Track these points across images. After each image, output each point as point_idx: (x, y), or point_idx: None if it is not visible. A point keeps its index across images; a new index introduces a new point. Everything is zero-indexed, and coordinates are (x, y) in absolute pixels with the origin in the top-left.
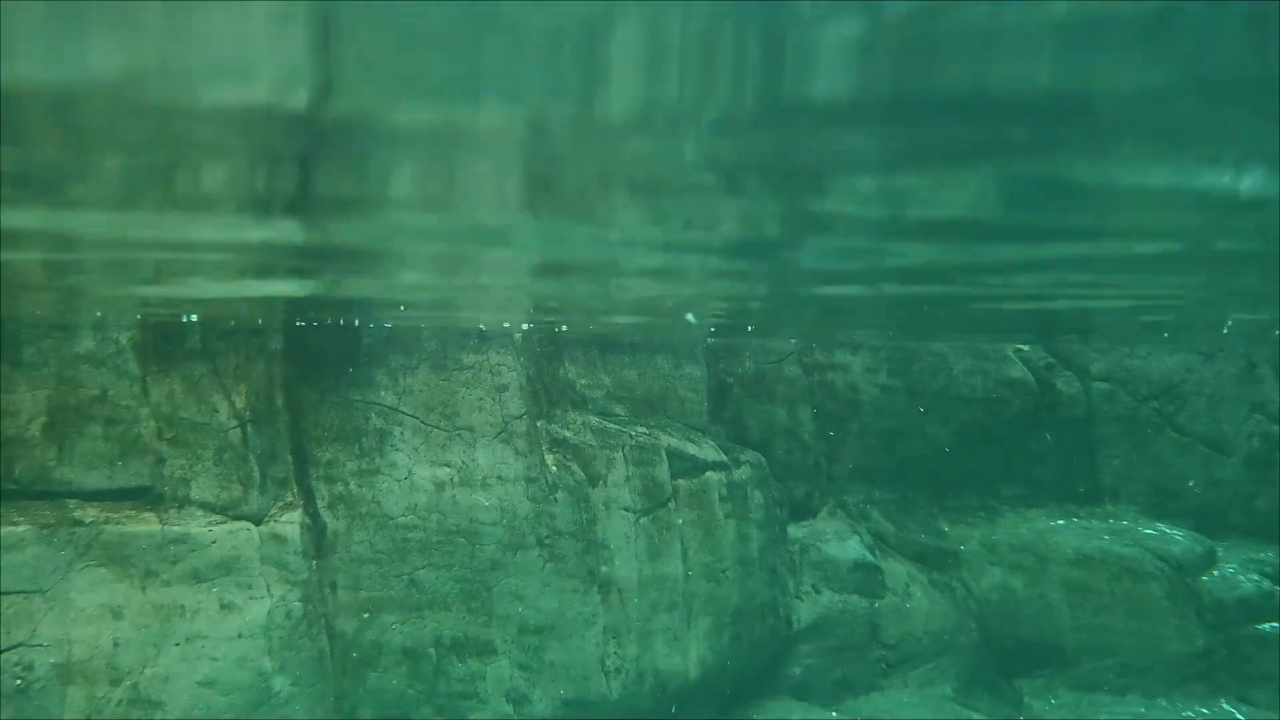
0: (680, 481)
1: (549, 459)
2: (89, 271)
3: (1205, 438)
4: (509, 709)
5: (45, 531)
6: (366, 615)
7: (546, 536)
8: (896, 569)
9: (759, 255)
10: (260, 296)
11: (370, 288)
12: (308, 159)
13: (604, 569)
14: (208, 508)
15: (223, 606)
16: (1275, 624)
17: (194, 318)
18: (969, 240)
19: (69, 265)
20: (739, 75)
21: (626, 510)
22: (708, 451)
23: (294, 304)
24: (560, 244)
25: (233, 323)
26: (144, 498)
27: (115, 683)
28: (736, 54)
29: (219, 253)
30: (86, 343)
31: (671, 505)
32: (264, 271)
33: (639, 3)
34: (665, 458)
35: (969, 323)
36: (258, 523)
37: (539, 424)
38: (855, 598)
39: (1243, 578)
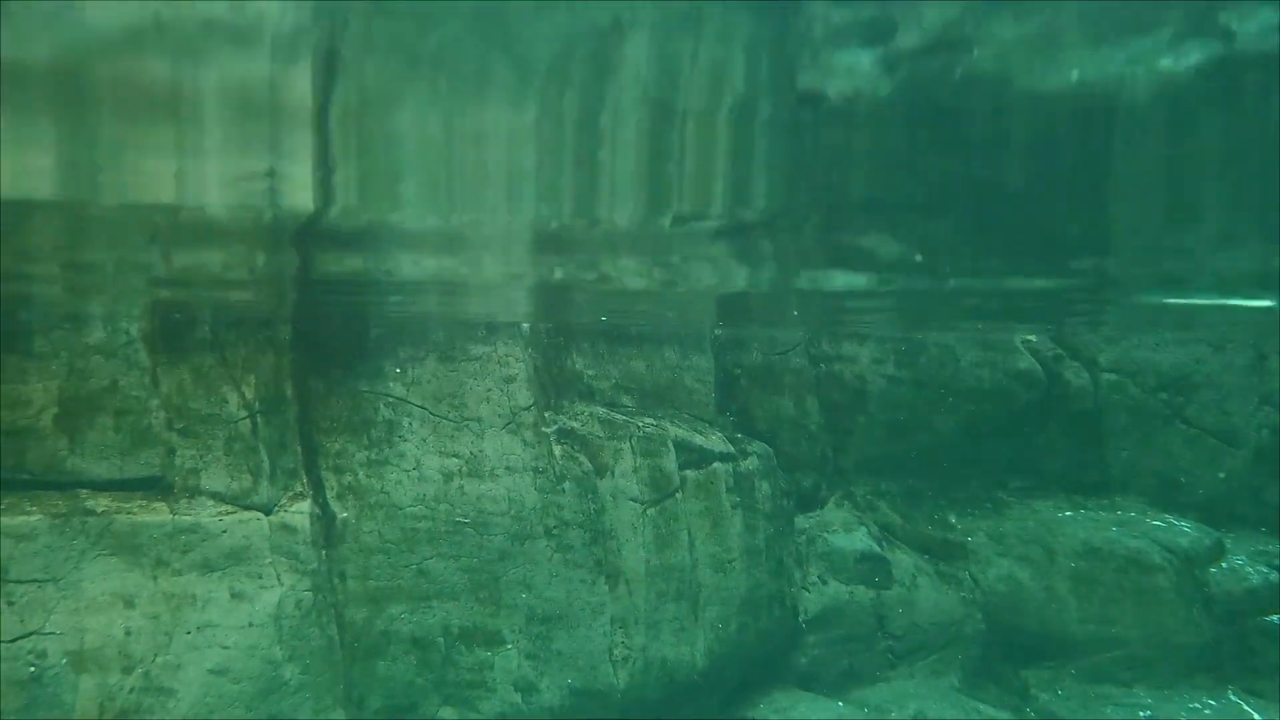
0: (688, 472)
1: (557, 450)
2: None
3: (1214, 429)
4: (517, 698)
5: (57, 521)
6: (375, 605)
7: (554, 527)
8: (903, 560)
9: None
10: None
11: None
12: None
13: (611, 559)
14: (218, 498)
15: (233, 596)
16: None
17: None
18: None
19: None
20: None
21: (634, 501)
22: (715, 442)
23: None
24: None
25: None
26: (155, 488)
27: (127, 671)
28: None
29: None
30: (97, 333)
31: (679, 496)
32: None
33: None
34: (672, 449)
35: None
36: (268, 513)
37: (547, 415)
38: (862, 589)
39: (1251, 570)
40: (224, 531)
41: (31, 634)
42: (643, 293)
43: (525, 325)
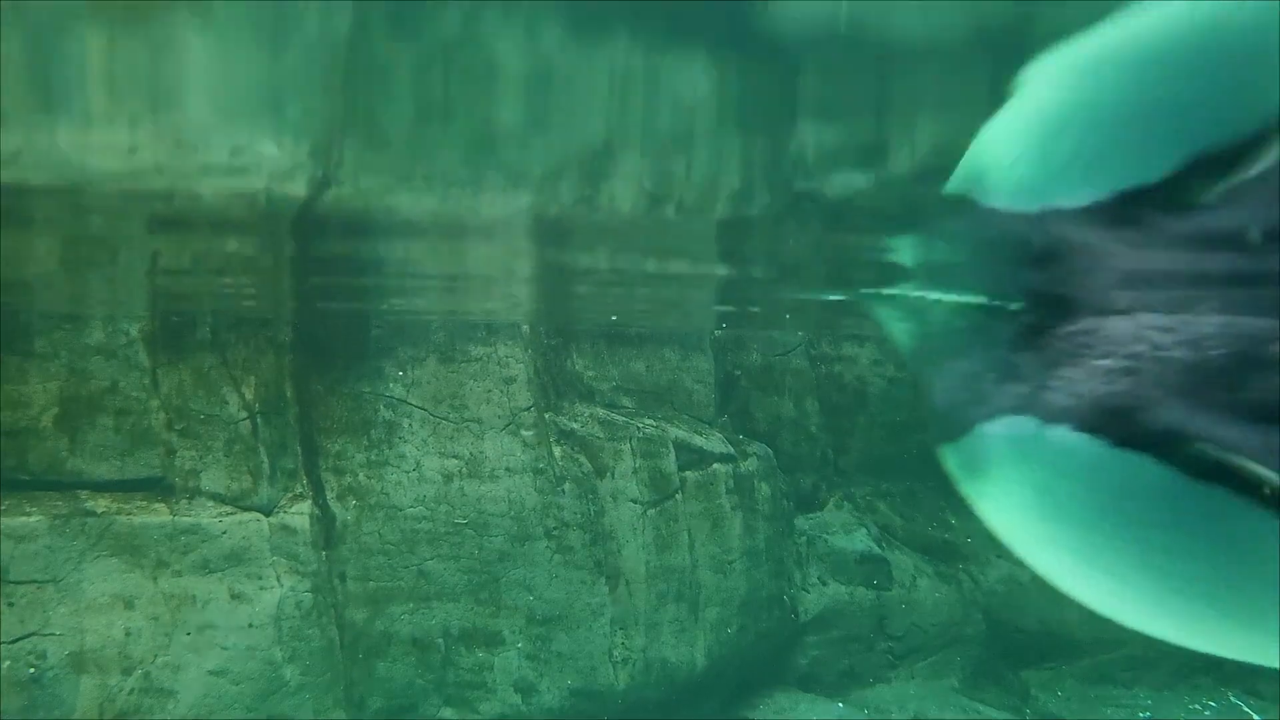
0: (687, 473)
1: (556, 451)
2: None
3: None
4: (517, 699)
5: (58, 522)
6: (375, 606)
7: (554, 528)
8: (903, 561)
9: None
10: None
11: None
12: None
13: (611, 560)
14: (218, 499)
15: (233, 597)
16: None
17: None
18: None
19: None
20: None
21: (634, 502)
22: (715, 443)
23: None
24: None
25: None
26: (155, 489)
27: (127, 671)
28: None
29: None
30: (97, 334)
31: (679, 497)
32: None
33: None
34: (672, 449)
35: None
36: (267, 514)
37: (547, 416)
38: (862, 589)
39: None
40: (224, 532)
41: (31, 634)
42: None
43: (525, 326)
